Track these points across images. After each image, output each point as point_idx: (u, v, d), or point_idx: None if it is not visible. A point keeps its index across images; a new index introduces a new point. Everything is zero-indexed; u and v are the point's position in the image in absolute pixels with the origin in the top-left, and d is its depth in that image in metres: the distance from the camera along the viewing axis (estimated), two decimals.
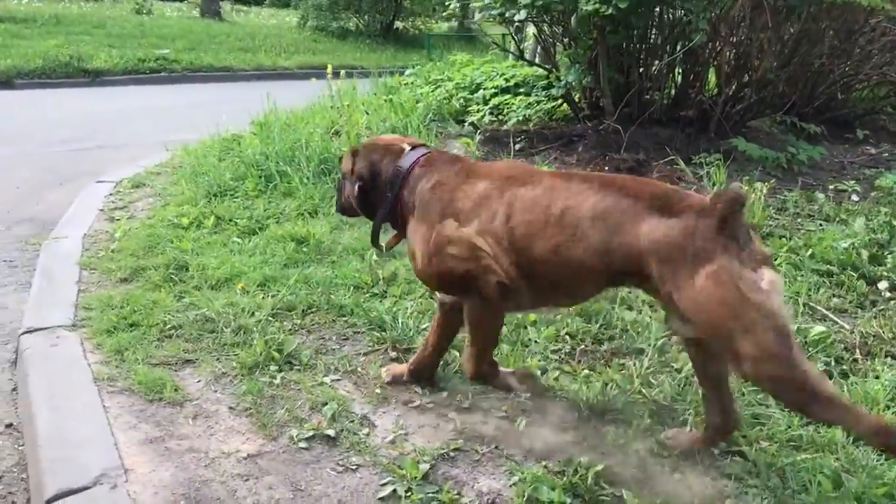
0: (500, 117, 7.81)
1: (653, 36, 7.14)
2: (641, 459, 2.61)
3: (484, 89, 8.53)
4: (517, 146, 6.82)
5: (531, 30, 10.16)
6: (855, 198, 5.58)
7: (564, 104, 7.78)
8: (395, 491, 2.48)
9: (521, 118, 7.51)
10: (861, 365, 3.20)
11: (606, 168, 6.37)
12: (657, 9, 6.73)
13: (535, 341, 3.42)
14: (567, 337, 3.46)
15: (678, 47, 6.94)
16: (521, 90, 8.19)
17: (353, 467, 2.63)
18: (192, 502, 2.48)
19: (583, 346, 3.39)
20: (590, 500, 2.40)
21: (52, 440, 2.82)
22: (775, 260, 4.19)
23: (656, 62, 7.10)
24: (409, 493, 2.46)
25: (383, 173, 2.91)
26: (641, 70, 7.12)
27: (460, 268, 2.63)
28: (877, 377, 3.03)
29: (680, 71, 7.30)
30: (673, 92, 7.47)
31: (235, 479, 2.59)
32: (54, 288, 4.23)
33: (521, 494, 2.42)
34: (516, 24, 7.21)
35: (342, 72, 8.85)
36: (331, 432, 2.80)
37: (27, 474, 2.96)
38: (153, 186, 6.31)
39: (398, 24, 25.23)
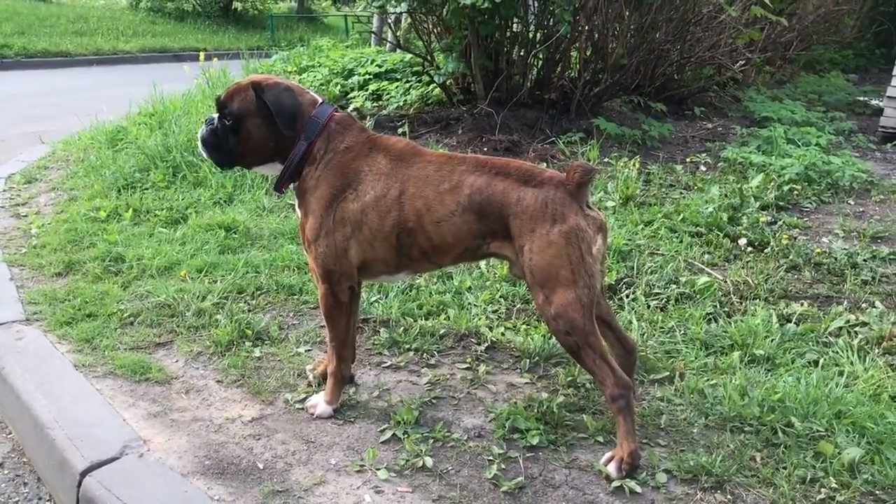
0: (380, 103, 8.23)
1: (514, 25, 7.77)
2: (588, 392, 3.20)
3: (357, 75, 8.91)
4: (400, 131, 7.27)
5: (375, 19, 10.55)
6: (703, 168, 6.46)
7: (437, 89, 8.30)
8: (394, 434, 2.93)
9: (400, 104, 7.97)
10: (739, 306, 3.95)
11: (485, 148, 6.95)
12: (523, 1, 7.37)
13: (475, 305, 3.94)
14: (501, 299, 4.01)
15: (538, 36, 7.63)
16: (396, 76, 8.64)
17: (352, 420, 3.05)
18: (216, 462, 2.81)
19: (517, 307, 3.95)
20: (557, 424, 2.95)
21: (59, 422, 3.02)
22: (653, 224, 4.93)
23: (522, 50, 7.74)
24: (406, 435, 2.91)
25: (302, 119, 2.95)
26: (508, 58, 7.75)
27: (330, 261, 2.94)
28: (753, 315, 3.78)
29: (542, 57, 7.99)
30: (537, 77, 8.15)
31: (248, 440, 2.94)
32: None
33: (501, 426, 2.94)
34: (394, 14, 7.63)
35: (214, 57, 8.94)
36: None
37: (27, 459, 3.17)
38: (48, 181, 6.28)
39: (237, 4, 24.83)
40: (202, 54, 8.45)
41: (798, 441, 2.83)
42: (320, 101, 3.04)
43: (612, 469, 2.66)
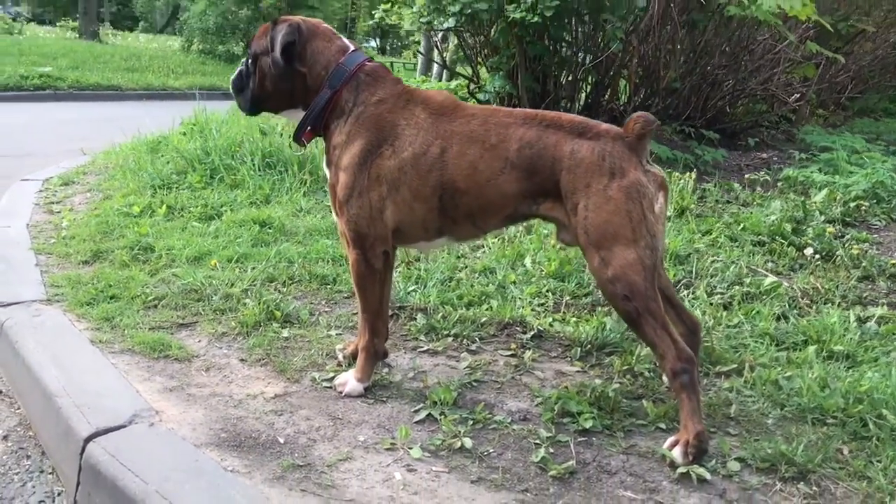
0: None
1: (563, 48, 7.60)
2: (648, 381, 2.88)
3: None
4: None
5: (423, 41, 10.45)
6: (761, 189, 6.14)
7: None
8: (430, 414, 2.63)
9: None
10: (809, 309, 3.61)
11: None
12: (572, 22, 7.20)
13: (520, 298, 3.65)
14: (548, 293, 3.71)
15: (587, 59, 7.44)
16: None
17: (384, 399, 2.76)
18: (233, 435, 2.54)
19: (566, 300, 3.65)
20: (613, 409, 2.63)
21: (68, 391, 2.78)
22: (712, 234, 4.62)
23: (570, 74, 7.55)
24: (443, 416, 2.61)
25: (323, 64, 2.75)
26: (556, 80, 7.56)
27: (363, 224, 2.68)
28: (828, 314, 3.43)
29: (591, 80, 7.79)
30: (585, 101, 7.95)
31: (269, 415, 2.67)
32: (14, 269, 4.11)
33: (550, 409, 2.63)
34: (441, 32, 7.51)
35: None
36: None
37: (33, 432, 2.93)
38: (84, 184, 6.17)
39: None
40: None
41: (892, 434, 2.47)
42: (352, 48, 2.80)
43: (677, 454, 2.33)
